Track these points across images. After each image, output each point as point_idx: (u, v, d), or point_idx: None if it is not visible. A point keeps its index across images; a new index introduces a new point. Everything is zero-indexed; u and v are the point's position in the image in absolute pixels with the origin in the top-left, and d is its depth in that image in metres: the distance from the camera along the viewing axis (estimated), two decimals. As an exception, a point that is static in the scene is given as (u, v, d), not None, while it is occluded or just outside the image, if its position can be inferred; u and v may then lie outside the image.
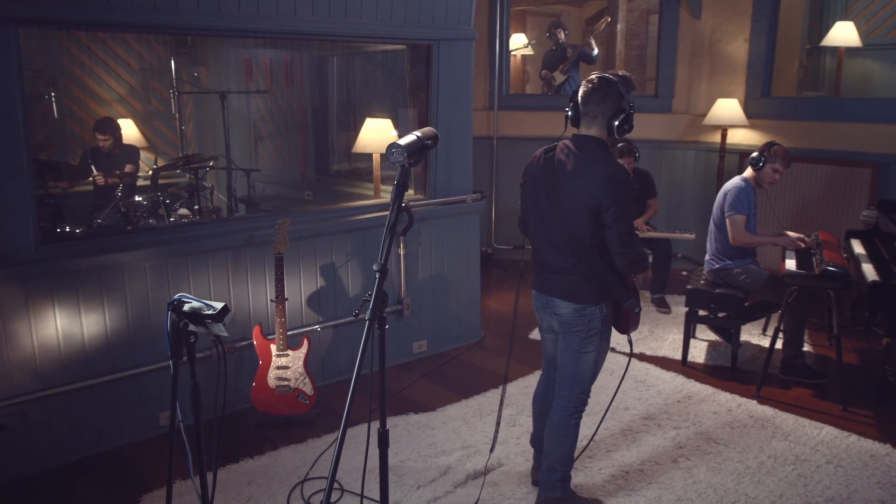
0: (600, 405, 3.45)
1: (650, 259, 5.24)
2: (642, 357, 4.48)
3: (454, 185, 4.56)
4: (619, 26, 8.04)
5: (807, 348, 4.45)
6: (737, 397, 3.90)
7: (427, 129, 2.19)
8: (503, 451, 3.37)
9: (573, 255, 2.63)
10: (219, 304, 2.15)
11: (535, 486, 3.03)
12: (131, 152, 5.38)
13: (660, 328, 4.98)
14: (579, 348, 2.72)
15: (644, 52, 8.80)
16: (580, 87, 2.63)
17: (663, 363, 4.40)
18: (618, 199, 2.51)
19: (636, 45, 8.82)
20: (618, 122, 2.57)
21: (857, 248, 4.24)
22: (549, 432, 2.84)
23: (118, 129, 5.31)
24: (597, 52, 7.29)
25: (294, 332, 3.85)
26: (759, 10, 5.79)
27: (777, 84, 6.11)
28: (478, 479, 3.14)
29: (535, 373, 4.20)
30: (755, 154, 4.18)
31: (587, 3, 9.16)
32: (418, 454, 3.36)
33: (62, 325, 3.25)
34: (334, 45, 5.90)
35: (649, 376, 4.19)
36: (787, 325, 4.05)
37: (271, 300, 3.77)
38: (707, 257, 4.38)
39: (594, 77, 2.61)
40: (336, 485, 3.06)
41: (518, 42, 7.73)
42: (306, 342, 3.63)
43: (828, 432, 3.52)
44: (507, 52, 6.76)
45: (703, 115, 5.98)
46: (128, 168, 5.21)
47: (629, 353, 3.02)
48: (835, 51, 6.46)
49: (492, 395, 3.96)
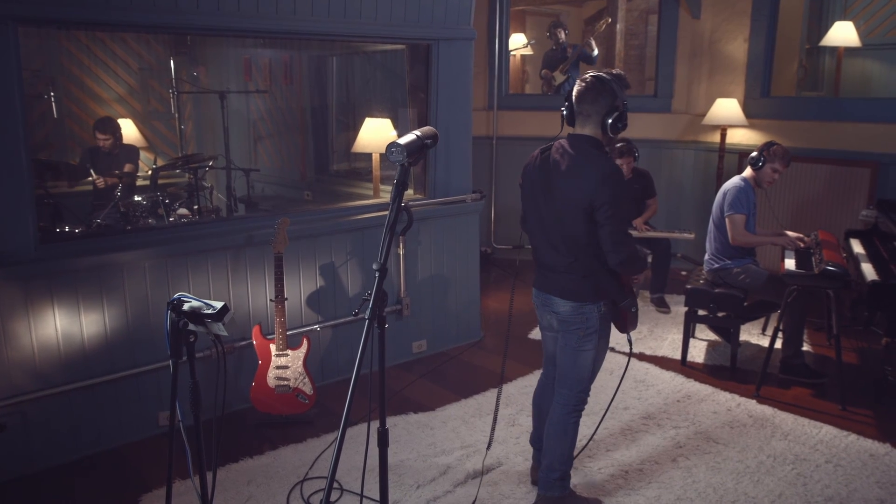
0: (600, 405, 3.45)
1: (649, 259, 5.24)
2: (642, 357, 4.49)
3: (454, 184, 4.56)
4: (618, 26, 8.06)
5: (806, 348, 4.45)
6: (736, 397, 3.91)
7: (426, 128, 2.20)
8: (503, 451, 3.37)
9: (570, 254, 2.64)
10: (218, 304, 2.15)
11: (535, 485, 3.03)
12: (131, 152, 5.39)
13: (659, 328, 4.98)
14: (577, 346, 2.73)
15: (643, 51, 8.80)
16: (574, 87, 2.65)
17: (663, 363, 4.40)
18: (611, 198, 2.51)
19: (636, 44, 8.83)
20: (611, 121, 2.58)
21: (857, 247, 4.24)
22: (549, 431, 2.84)
23: (118, 128, 5.31)
24: (597, 52, 7.29)
25: (293, 331, 3.84)
26: (759, 10, 5.79)
27: (776, 84, 6.11)
28: (477, 479, 3.14)
29: (535, 372, 4.21)
30: (754, 154, 4.18)
31: (587, 3, 9.17)
32: (418, 454, 3.36)
33: (61, 325, 3.25)
34: (334, 44, 5.90)
35: (649, 376, 4.19)
36: (787, 325, 4.05)
37: (271, 300, 3.77)
38: (706, 257, 4.38)
39: (588, 76, 2.62)
40: (336, 484, 3.06)
41: (517, 42, 7.73)
42: (306, 342, 3.63)
43: (827, 432, 3.52)
44: (507, 51, 6.76)
45: (703, 115, 5.98)
46: (127, 168, 5.21)
47: (629, 353, 3.03)
48: (834, 51, 6.46)
49: (491, 394, 3.96)
